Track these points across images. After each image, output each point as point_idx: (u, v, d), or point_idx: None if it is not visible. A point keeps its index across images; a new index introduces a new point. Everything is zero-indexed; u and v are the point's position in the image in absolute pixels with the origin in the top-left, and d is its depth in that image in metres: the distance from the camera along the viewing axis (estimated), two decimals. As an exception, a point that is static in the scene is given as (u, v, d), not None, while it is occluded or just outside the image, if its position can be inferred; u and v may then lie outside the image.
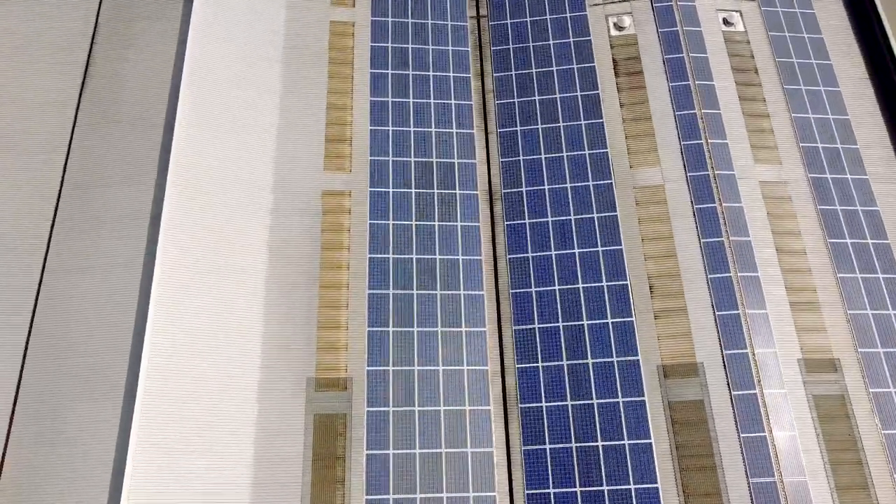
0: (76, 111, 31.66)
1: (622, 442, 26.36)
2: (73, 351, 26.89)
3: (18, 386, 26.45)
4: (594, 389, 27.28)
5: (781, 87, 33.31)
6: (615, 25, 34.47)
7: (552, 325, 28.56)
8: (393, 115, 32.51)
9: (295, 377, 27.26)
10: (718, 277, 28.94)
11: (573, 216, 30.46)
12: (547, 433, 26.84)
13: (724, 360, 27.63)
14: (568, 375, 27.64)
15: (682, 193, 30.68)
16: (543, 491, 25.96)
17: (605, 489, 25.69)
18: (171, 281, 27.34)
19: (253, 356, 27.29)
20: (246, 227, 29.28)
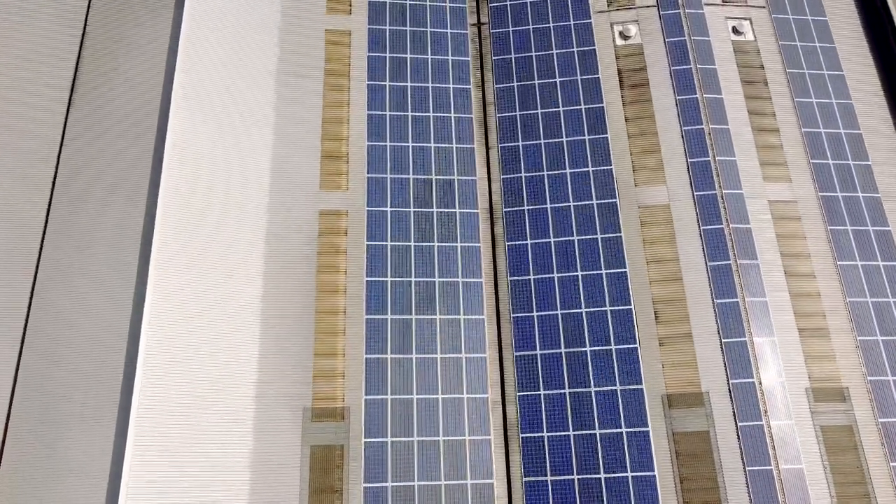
0: (64, 126, 30.69)
1: (625, 474, 25.80)
2: (62, 379, 26.27)
3: (7, 421, 25.93)
4: (597, 419, 26.66)
5: (792, 99, 32.25)
6: (621, 34, 33.25)
7: (554, 351, 27.87)
8: (391, 129, 31.47)
9: (291, 407, 26.61)
10: (725, 303, 28.18)
11: (576, 237, 29.60)
12: (548, 464, 26.29)
13: (730, 389, 26.98)
14: (570, 404, 27.01)
15: (688, 213, 29.79)
16: (545, 526, 25.50)
17: (607, 525, 25.23)
18: (163, 308, 26.59)
19: (248, 385, 26.61)
20: (240, 249, 28.43)
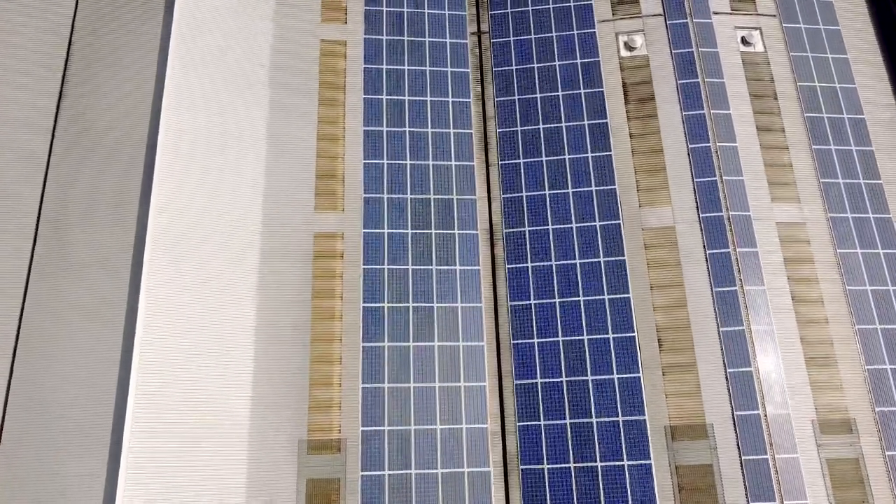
0: (51, 140, 29.71)
1: (627, 509, 25.37)
2: (54, 405, 25.67)
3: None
4: (598, 451, 26.13)
5: (802, 114, 31.22)
6: (626, 45, 32.07)
7: (555, 379, 27.26)
8: (388, 146, 30.49)
9: (286, 439, 26.07)
10: (730, 331, 27.49)
11: (578, 260, 28.80)
12: (549, 498, 25.81)
13: (734, 421, 26.41)
14: (571, 435, 26.46)
15: (693, 236, 28.95)
16: (544, 562, 25.12)
17: (608, 562, 24.84)
18: (153, 340, 25.92)
19: (242, 417, 26.05)
20: (233, 275, 27.66)
